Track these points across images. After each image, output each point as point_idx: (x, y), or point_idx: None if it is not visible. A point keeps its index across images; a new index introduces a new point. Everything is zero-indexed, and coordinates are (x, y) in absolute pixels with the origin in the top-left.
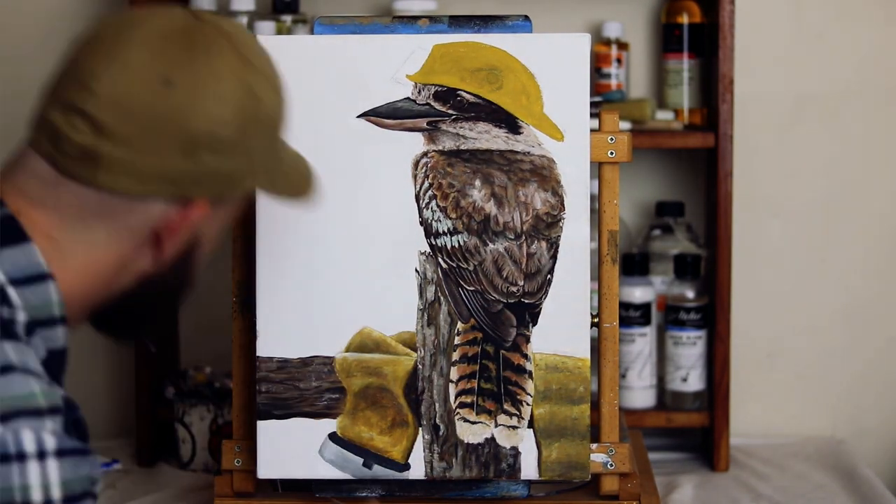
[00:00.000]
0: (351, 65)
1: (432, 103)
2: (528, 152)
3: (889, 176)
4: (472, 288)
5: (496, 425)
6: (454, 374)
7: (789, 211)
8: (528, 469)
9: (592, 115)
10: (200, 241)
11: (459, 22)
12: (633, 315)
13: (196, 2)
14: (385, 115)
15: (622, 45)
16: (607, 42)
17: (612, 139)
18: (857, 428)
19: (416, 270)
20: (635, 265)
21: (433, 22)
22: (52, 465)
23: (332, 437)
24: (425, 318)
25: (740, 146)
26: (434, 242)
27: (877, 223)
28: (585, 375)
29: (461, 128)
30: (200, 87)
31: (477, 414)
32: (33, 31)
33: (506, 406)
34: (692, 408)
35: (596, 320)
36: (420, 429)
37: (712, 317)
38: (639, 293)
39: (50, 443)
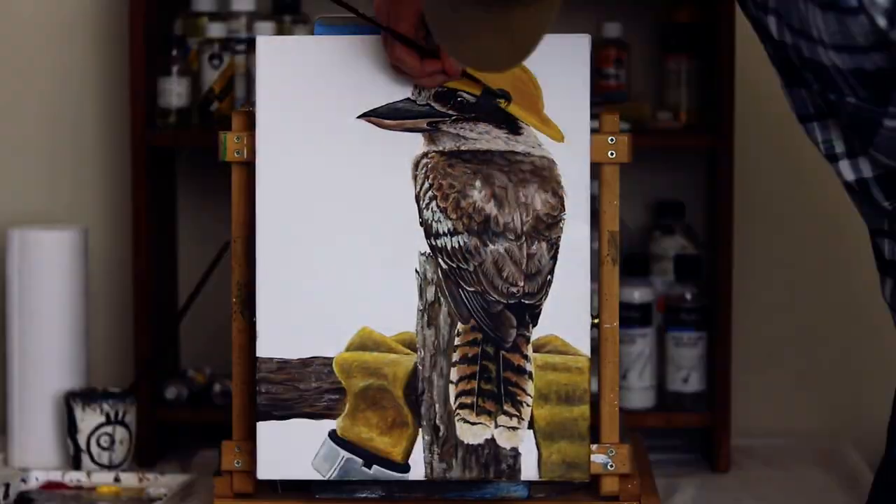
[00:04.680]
0: (351, 65)
1: (432, 104)
2: (529, 153)
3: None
4: (472, 289)
5: (496, 426)
6: (454, 374)
7: (789, 211)
8: (529, 470)
9: (593, 116)
10: None
11: None
12: (634, 316)
13: (197, 2)
14: (385, 116)
15: (622, 46)
16: (607, 42)
17: (612, 140)
18: (858, 428)
19: (416, 271)
20: (635, 266)
21: None
22: None
23: (333, 437)
24: (425, 318)
25: (740, 146)
26: (434, 243)
27: None
28: (586, 376)
29: (461, 128)
30: None
31: (477, 415)
32: (34, 31)
33: (506, 407)
34: (693, 408)
35: (596, 321)
36: (420, 429)
37: (713, 317)
38: (639, 294)
39: None
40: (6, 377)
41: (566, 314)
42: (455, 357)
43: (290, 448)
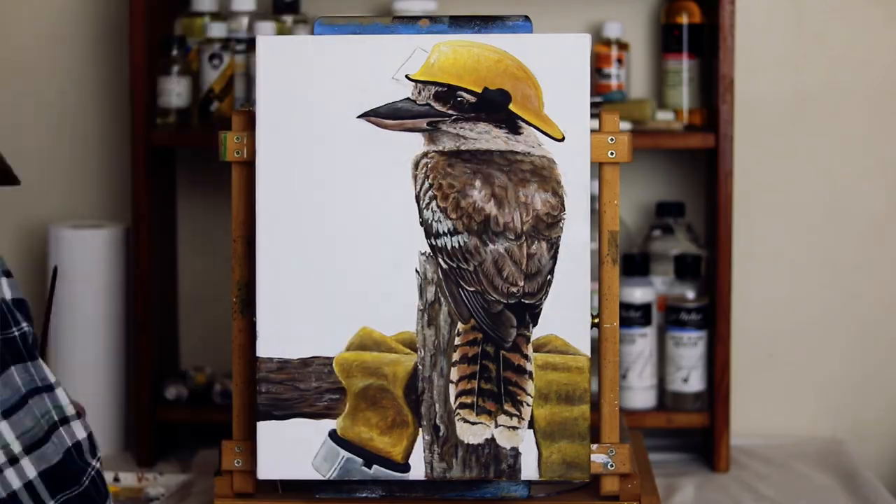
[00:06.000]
0: (351, 65)
1: (432, 103)
2: (529, 153)
3: (889, 175)
4: (472, 288)
5: (496, 426)
6: (454, 374)
7: (789, 211)
8: (529, 469)
9: (593, 116)
10: None
11: (460, 22)
12: (634, 315)
13: (197, 2)
14: (385, 116)
15: (622, 46)
16: (607, 42)
17: (612, 139)
18: (858, 428)
19: (417, 271)
20: (636, 265)
21: (433, 22)
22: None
23: (333, 437)
24: (425, 318)
25: (740, 146)
26: (434, 243)
27: (876, 223)
28: (586, 376)
29: (461, 128)
30: None
31: (477, 414)
32: (34, 32)
33: (506, 406)
34: (693, 408)
35: (596, 321)
36: (420, 429)
37: (713, 317)
38: (639, 293)
39: None
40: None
41: (566, 314)
42: (455, 357)
43: (290, 448)
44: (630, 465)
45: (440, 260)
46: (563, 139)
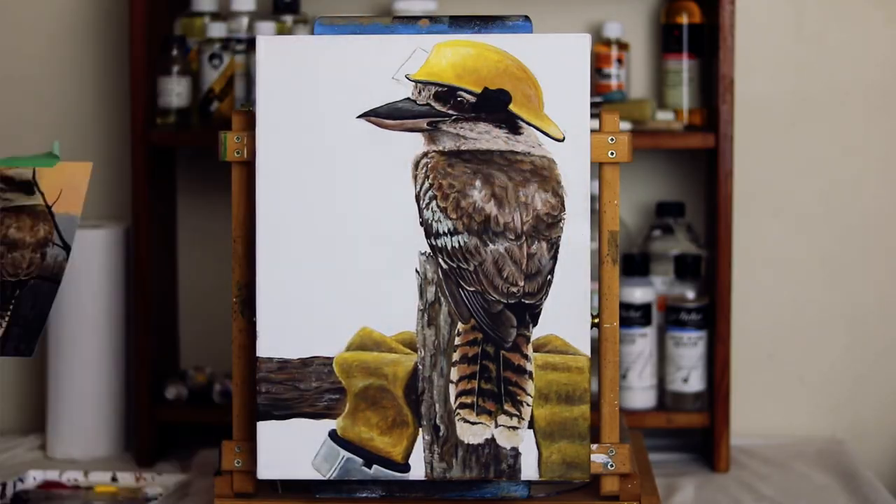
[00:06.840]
0: (351, 65)
1: (432, 103)
2: (529, 153)
3: (888, 175)
4: (472, 288)
5: (496, 426)
6: (454, 374)
7: (789, 211)
8: (529, 469)
9: (593, 116)
10: None
11: (460, 22)
12: (634, 315)
13: (197, 2)
14: (385, 116)
15: (622, 46)
16: (607, 42)
17: (612, 139)
18: (858, 429)
19: (417, 271)
20: (636, 265)
21: (433, 22)
22: None
23: (333, 437)
24: (425, 318)
25: (740, 146)
26: (434, 243)
27: (876, 222)
28: (586, 376)
29: (461, 128)
30: None
31: (477, 414)
32: (35, 31)
33: (506, 406)
34: (693, 408)
35: (596, 321)
36: (420, 429)
37: (713, 317)
38: (639, 293)
39: None
40: (47, 372)
41: (566, 314)
42: (455, 357)
43: (290, 448)
44: (630, 465)
45: (440, 260)
46: (563, 139)
